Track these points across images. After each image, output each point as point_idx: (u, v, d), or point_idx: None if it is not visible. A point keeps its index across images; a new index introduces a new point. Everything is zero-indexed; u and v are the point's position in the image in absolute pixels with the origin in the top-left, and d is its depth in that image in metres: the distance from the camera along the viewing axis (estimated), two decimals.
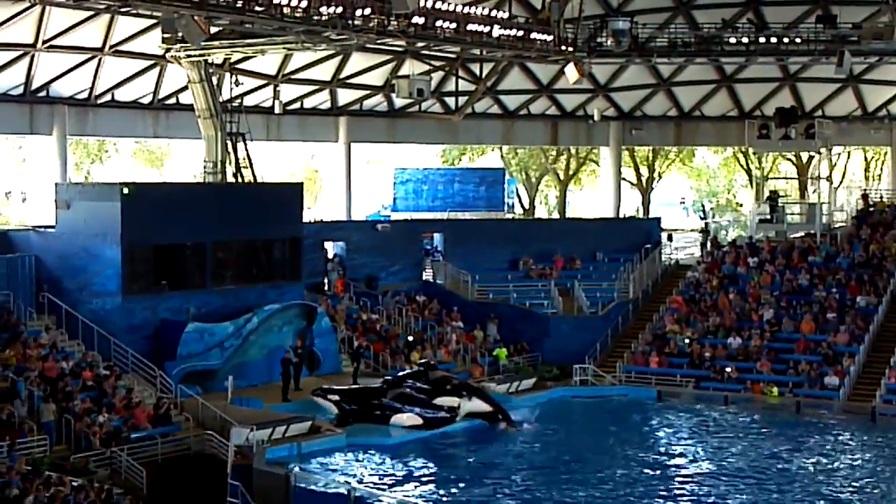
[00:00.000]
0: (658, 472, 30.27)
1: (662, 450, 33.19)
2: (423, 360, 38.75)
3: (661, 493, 28.15)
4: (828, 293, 44.51)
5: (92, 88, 46.54)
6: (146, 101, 48.86)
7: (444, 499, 26.99)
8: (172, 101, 49.31)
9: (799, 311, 43.96)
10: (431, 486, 28.69)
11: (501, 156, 73.66)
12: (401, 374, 37.32)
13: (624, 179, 65.56)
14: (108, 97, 47.75)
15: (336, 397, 34.94)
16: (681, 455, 32.44)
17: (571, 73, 47.05)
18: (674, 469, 30.62)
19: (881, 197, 53.44)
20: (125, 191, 36.51)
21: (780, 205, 52.63)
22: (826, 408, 37.97)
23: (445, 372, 37.97)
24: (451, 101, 53.86)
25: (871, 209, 51.21)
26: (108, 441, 29.71)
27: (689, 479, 29.52)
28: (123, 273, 36.18)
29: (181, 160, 72.61)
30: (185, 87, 45.05)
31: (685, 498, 27.69)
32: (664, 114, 57.81)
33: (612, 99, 56.86)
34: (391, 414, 34.37)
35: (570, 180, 75.20)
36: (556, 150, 70.26)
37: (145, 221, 36.40)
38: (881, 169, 71.08)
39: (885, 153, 64.09)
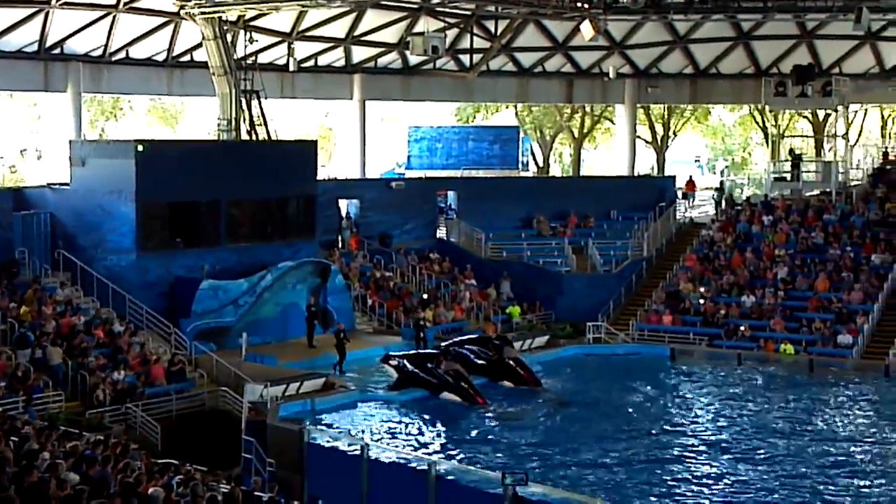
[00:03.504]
0: (672, 430, 30.33)
1: (676, 409, 33.25)
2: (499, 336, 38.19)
3: (675, 453, 28.19)
4: (842, 251, 44.41)
5: (106, 45, 46.48)
6: (160, 58, 48.78)
7: (457, 455, 27.10)
8: (187, 58, 49.19)
9: (813, 269, 43.90)
10: (445, 441, 28.85)
11: (516, 113, 73.39)
12: (461, 339, 37.21)
13: (639, 137, 65.26)
14: (122, 54, 47.69)
15: (395, 362, 34.70)
16: (694, 413, 32.49)
17: (587, 30, 46.74)
18: (687, 428, 30.64)
19: None
20: (140, 148, 36.63)
21: (803, 163, 52.49)
22: (839, 366, 38.00)
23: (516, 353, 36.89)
24: (465, 58, 53.58)
25: (888, 167, 50.96)
26: (123, 397, 29.92)
27: (702, 439, 29.58)
28: (138, 230, 36.35)
29: (195, 118, 72.61)
30: (200, 45, 44.92)
31: (695, 458, 27.73)
32: (680, 71, 57.45)
33: (628, 56, 56.49)
34: (441, 387, 33.49)
35: (584, 138, 74.91)
36: (571, 107, 69.93)
37: (160, 179, 36.48)
38: None
39: None
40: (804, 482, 25.64)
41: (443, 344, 36.71)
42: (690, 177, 60.43)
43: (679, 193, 55.34)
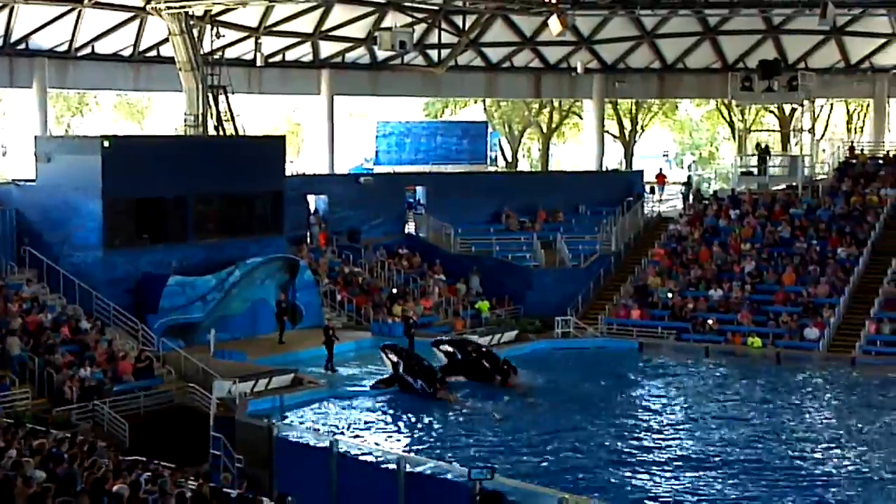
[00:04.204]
0: (639, 423, 30.46)
1: (643, 402, 33.38)
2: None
3: (645, 444, 28.31)
4: (809, 245, 44.73)
5: (72, 41, 46.16)
6: (126, 53, 48.49)
7: (427, 449, 27.10)
8: (153, 53, 48.92)
9: (780, 262, 44.18)
10: (414, 437, 28.85)
11: (484, 109, 73.45)
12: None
13: (607, 132, 65.51)
14: (88, 49, 47.38)
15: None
16: (660, 406, 32.62)
17: (555, 25, 46.76)
18: (654, 420, 30.77)
19: (862, 149, 53.56)
20: (106, 144, 36.41)
21: (770, 157, 52.81)
22: (806, 359, 38.27)
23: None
24: (433, 53, 53.57)
25: (854, 161, 51.36)
26: (90, 394, 29.77)
27: (670, 429, 29.71)
28: (104, 226, 36.14)
29: (162, 113, 72.27)
30: (166, 40, 44.71)
31: (666, 451, 27.85)
32: (647, 66, 57.63)
33: (596, 51, 56.62)
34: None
35: (552, 133, 75.11)
36: (539, 102, 70.07)
37: (126, 175, 36.28)
38: (863, 121, 71.16)
39: (868, 105, 64.14)
40: (770, 473, 25.85)
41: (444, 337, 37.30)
42: (661, 169, 60.73)
43: (647, 188, 55.60)
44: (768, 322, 40.94)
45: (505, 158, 73.54)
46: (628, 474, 25.60)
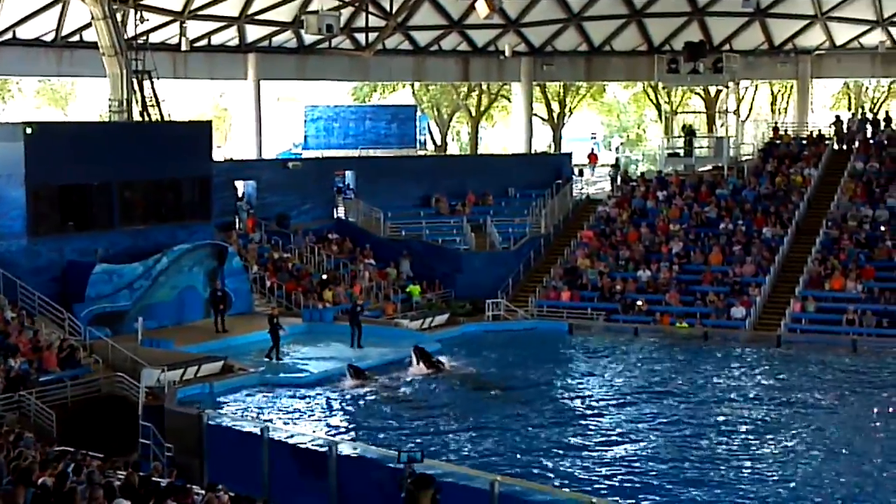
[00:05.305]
0: (571, 404, 30.69)
1: (574, 383, 33.63)
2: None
3: (577, 425, 28.54)
4: (734, 225, 45.27)
5: None
6: (49, 38, 47.66)
7: (359, 435, 27.08)
8: (76, 38, 48.12)
9: (707, 243, 44.69)
10: (345, 423, 28.80)
11: (413, 92, 73.29)
12: None
13: (535, 115, 65.67)
14: (9, 35, 46.46)
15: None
16: (592, 387, 32.88)
17: (482, 8, 46.77)
18: (585, 401, 31.01)
19: (786, 130, 54.27)
20: (28, 130, 35.81)
21: (696, 138, 53.35)
22: (733, 337, 38.78)
23: None
24: (361, 37, 53.24)
25: (778, 142, 52.02)
26: (16, 385, 29.32)
27: (602, 409, 29.98)
28: (28, 214, 35.62)
29: (86, 99, 71.29)
30: (89, 24, 43.99)
31: (598, 431, 28.08)
32: (575, 49, 57.86)
33: (523, 34, 56.74)
34: None
35: (481, 116, 75.14)
36: (468, 86, 70.06)
37: (50, 161, 35.74)
38: (787, 102, 72.09)
39: (791, 87, 64.95)
40: (700, 443, 26.39)
41: None
42: (593, 149, 61.05)
43: (577, 170, 55.89)
44: (696, 302, 41.42)
45: (434, 142, 73.50)
46: (560, 455, 25.77)
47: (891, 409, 30.02)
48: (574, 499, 20.15)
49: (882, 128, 50.77)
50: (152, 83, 43.26)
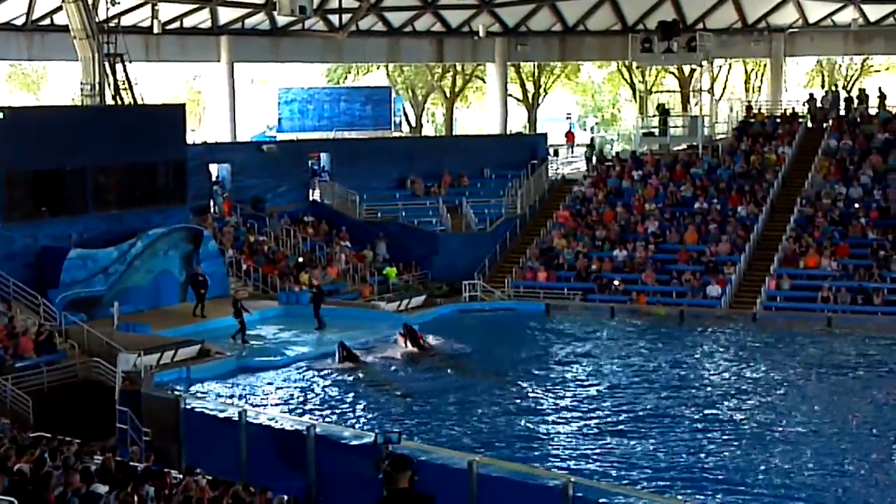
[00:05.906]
0: (549, 384, 30.72)
1: (552, 363, 33.68)
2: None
3: (556, 405, 28.61)
4: (709, 204, 45.41)
5: None
6: (19, 22, 47.36)
7: (336, 418, 27.09)
8: (47, 21, 47.85)
9: (682, 222, 44.82)
10: (322, 406, 28.77)
11: (387, 74, 73.15)
12: None
13: (510, 96, 65.62)
14: None
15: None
16: (570, 367, 32.93)
17: None
18: (564, 381, 31.07)
19: (760, 108, 54.41)
20: (0, 115, 35.51)
21: (671, 117, 53.48)
22: (709, 316, 38.92)
23: None
24: (334, 18, 53.13)
25: (752, 121, 52.15)
26: None
27: (580, 390, 30.04)
28: (2, 200, 35.44)
29: (58, 83, 70.80)
30: (60, 8, 43.67)
31: (577, 411, 28.16)
32: (549, 29, 57.84)
33: (497, 14, 56.66)
34: None
35: (456, 97, 75.06)
36: (442, 67, 69.99)
37: (22, 146, 35.49)
38: (761, 81, 72.26)
39: (765, 65, 65.12)
40: (681, 424, 26.42)
41: None
42: (570, 129, 61.04)
43: (552, 150, 55.92)
44: (672, 281, 41.56)
45: (409, 124, 73.39)
46: (540, 436, 25.83)
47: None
48: (553, 477, 20.22)
49: (855, 105, 50.93)
50: (124, 66, 42.95)
